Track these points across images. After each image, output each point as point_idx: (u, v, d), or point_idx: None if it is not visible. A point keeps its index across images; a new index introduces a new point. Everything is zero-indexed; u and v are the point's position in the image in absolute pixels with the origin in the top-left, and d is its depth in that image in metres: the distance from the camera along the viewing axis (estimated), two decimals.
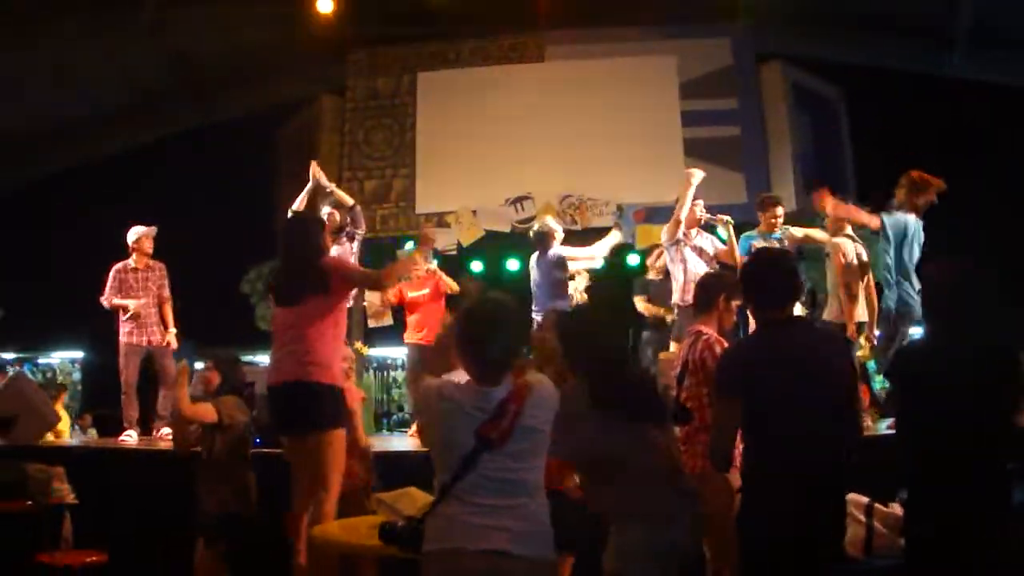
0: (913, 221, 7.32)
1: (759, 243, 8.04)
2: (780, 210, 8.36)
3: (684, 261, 8.07)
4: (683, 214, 8.01)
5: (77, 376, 18.48)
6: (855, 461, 3.70)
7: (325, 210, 8.31)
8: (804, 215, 10.72)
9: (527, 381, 3.24)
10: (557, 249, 8.54)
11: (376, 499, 4.34)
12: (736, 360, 3.76)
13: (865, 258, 7.73)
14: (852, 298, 7.56)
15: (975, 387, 3.60)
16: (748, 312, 4.67)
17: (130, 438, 8.03)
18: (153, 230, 8.62)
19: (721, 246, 8.22)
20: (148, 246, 8.59)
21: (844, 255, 7.62)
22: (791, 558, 3.41)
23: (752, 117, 13.28)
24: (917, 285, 7.01)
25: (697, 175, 8.07)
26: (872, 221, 7.28)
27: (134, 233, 8.59)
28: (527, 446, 3.15)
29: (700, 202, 8.20)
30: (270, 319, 5.35)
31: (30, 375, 17.82)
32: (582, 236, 8.76)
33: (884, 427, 6.95)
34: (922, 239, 7.35)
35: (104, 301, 8.47)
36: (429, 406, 3.24)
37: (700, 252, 8.11)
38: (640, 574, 3.58)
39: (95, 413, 14.20)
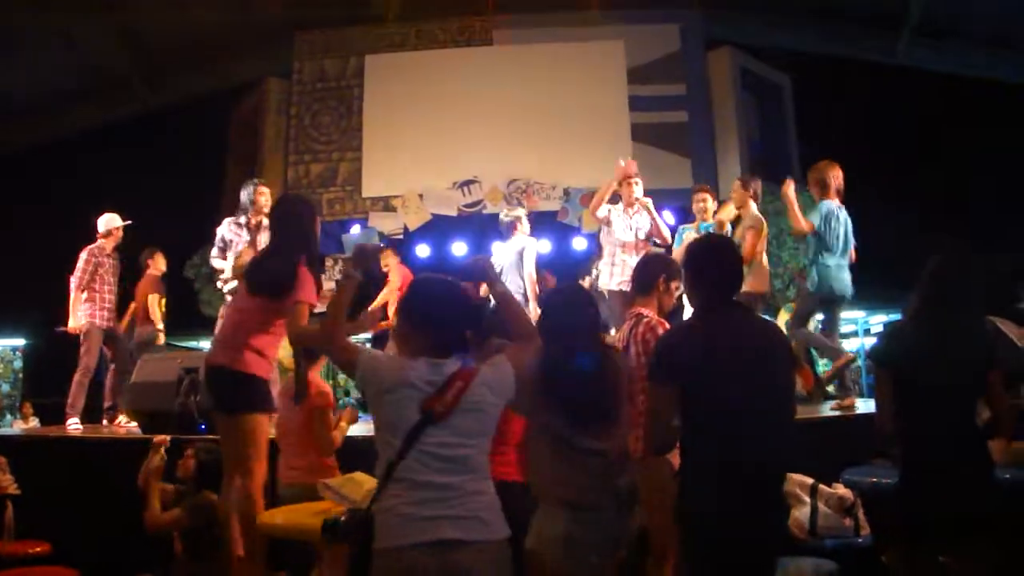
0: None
1: (691, 234, 8.12)
2: (705, 197, 8.41)
3: (611, 244, 8.16)
4: (603, 196, 8.10)
5: (18, 364, 18.23)
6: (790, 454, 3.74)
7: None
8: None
9: (481, 360, 3.24)
10: (524, 243, 8.49)
11: (322, 484, 4.31)
12: (671, 346, 3.68)
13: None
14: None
15: (965, 370, 3.77)
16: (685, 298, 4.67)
17: (78, 427, 7.92)
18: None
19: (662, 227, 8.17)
20: (119, 236, 8.60)
21: (766, 228, 7.78)
22: (731, 549, 3.41)
23: (700, 103, 13.37)
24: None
25: (621, 164, 8.17)
26: (806, 225, 7.30)
27: (112, 221, 8.57)
28: (471, 423, 3.12)
29: (638, 182, 8.18)
30: (215, 304, 5.30)
31: None
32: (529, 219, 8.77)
33: (827, 409, 7.04)
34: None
35: (75, 281, 8.30)
36: (376, 377, 3.19)
37: (636, 232, 8.10)
38: (560, 558, 3.54)
39: (36, 402, 14.03)
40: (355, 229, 12.90)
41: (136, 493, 5.39)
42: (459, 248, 12.85)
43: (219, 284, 8.06)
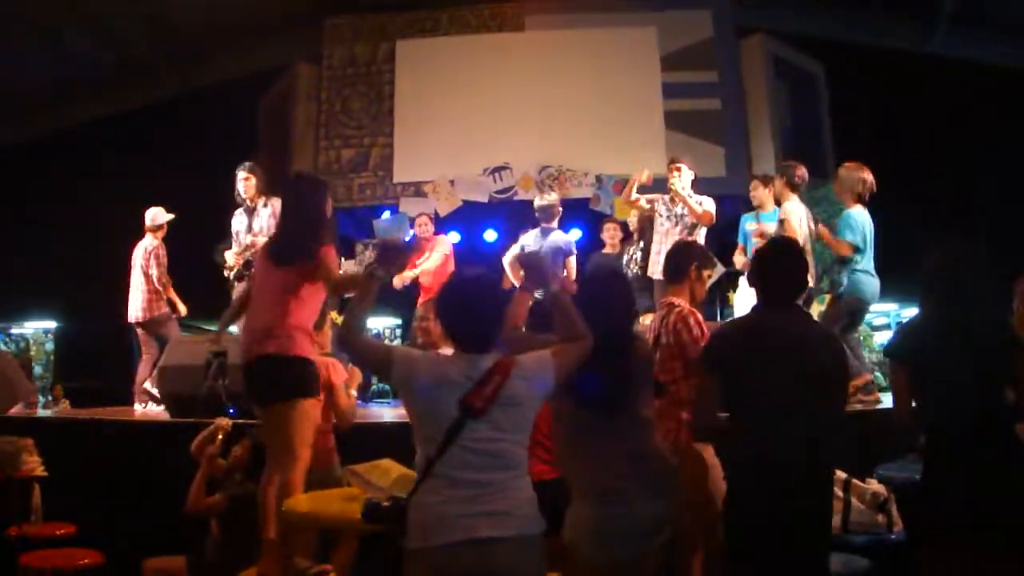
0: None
1: (752, 224, 8.16)
2: (756, 185, 8.39)
3: (659, 233, 8.24)
4: (631, 185, 8.32)
5: (50, 347, 18.38)
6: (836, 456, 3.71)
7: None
8: None
9: (515, 355, 3.24)
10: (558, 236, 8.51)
11: (349, 471, 4.28)
12: (719, 337, 3.79)
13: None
14: None
15: (982, 359, 3.71)
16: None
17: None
18: None
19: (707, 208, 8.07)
20: (166, 229, 8.88)
21: (800, 221, 7.64)
22: (775, 544, 3.39)
23: (733, 90, 13.18)
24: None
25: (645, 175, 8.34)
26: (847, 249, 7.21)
27: (160, 215, 8.80)
28: (510, 417, 3.14)
29: (679, 167, 8.16)
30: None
31: (2, 345, 17.75)
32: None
33: (857, 405, 6.95)
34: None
35: (158, 280, 8.58)
36: (414, 376, 3.20)
37: (680, 219, 8.10)
38: (590, 548, 3.50)
39: (67, 385, 14.14)
40: (386, 215, 12.85)
41: (165, 477, 5.43)
42: (490, 235, 12.79)
43: (225, 273, 8.16)
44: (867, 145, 7.47)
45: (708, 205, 8.02)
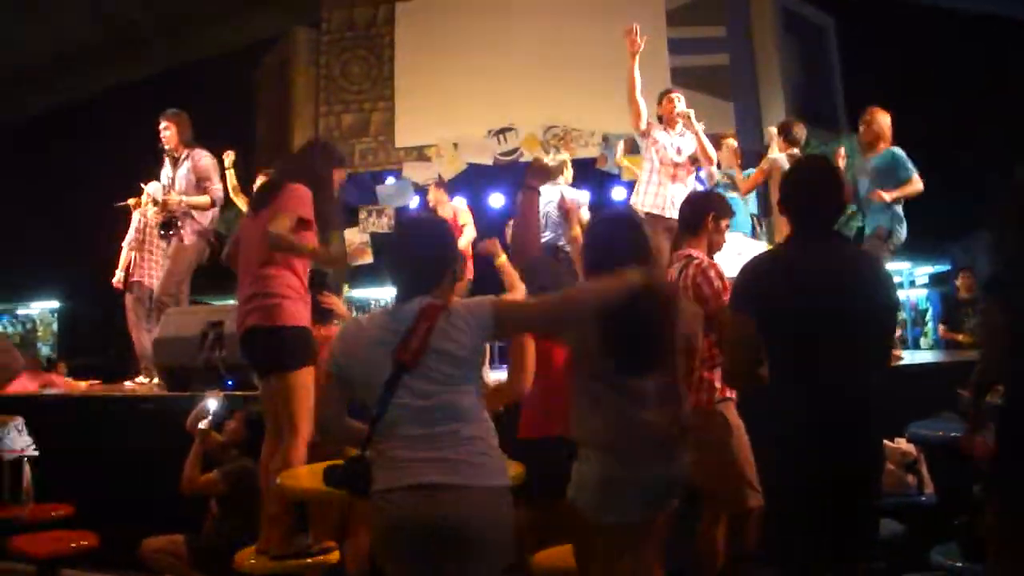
0: None
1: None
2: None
3: (648, 161, 7.68)
4: (632, 82, 7.67)
5: (56, 327, 18.38)
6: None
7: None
8: None
9: (444, 301, 3.07)
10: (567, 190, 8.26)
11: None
12: (751, 272, 3.39)
13: None
14: None
15: None
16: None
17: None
18: None
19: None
20: None
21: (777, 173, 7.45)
22: (819, 507, 3.11)
23: (741, 45, 12.93)
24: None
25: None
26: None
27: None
28: (446, 368, 2.97)
29: (680, 97, 7.86)
30: None
31: (8, 326, 17.75)
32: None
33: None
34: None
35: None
36: (348, 351, 3.10)
37: (678, 151, 7.59)
38: (594, 505, 3.32)
39: (72, 363, 13.98)
40: (389, 181, 12.65)
41: (161, 453, 5.30)
42: (496, 199, 12.60)
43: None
44: (878, 98, 7.22)
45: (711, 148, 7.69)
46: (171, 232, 7.59)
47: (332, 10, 13.61)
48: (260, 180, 7.69)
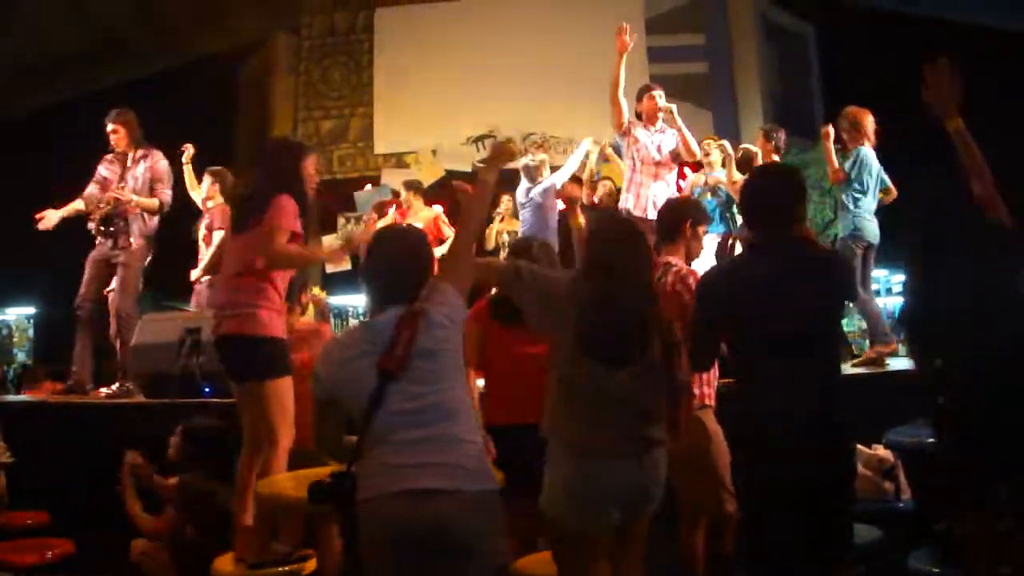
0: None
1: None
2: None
3: (629, 159, 7.65)
4: (617, 79, 7.60)
5: (32, 333, 18.22)
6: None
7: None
8: None
9: (419, 305, 3.06)
10: (546, 179, 8.47)
11: None
12: (710, 279, 3.52)
13: None
14: None
15: None
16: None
17: None
18: None
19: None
20: None
21: None
22: (790, 513, 3.12)
23: (720, 53, 13.07)
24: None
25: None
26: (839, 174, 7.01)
27: None
28: (433, 368, 2.99)
29: (661, 94, 7.80)
30: None
31: None
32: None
33: (849, 368, 6.71)
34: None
35: None
36: (329, 366, 3.10)
37: (658, 149, 7.53)
38: (572, 514, 3.28)
39: (49, 368, 13.87)
40: (368, 187, 12.62)
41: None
42: None
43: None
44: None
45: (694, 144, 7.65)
46: (112, 229, 7.38)
47: (314, 15, 13.67)
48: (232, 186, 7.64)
